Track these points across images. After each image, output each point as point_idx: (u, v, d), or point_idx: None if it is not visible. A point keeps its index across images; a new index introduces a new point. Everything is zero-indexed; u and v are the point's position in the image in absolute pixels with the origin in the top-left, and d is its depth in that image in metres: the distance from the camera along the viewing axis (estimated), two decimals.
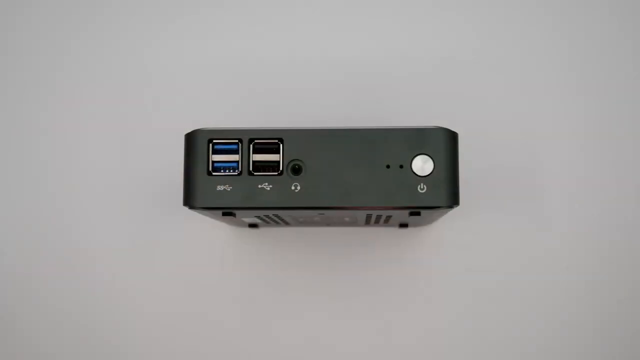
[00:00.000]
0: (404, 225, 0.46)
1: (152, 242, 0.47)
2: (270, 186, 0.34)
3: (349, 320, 0.47)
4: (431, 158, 0.35)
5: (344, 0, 0.49)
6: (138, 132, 0.48)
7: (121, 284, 0.46)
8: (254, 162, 0.34)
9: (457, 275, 0.47)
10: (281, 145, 0.34)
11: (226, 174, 0.34)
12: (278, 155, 0.34)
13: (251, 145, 0.34)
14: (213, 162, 0.34)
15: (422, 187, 0.35)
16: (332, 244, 0.47)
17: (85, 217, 0.47)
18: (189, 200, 0.34)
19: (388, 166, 0.35)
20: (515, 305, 0.47)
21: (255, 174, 0.34)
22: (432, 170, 0.35)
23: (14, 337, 0.47)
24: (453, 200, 0.35)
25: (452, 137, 0.35)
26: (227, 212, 0.36)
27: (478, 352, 0.46)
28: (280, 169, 0.34)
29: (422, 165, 0.35)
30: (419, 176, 0.35)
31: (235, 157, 0.34)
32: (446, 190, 0.35)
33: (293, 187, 0.34)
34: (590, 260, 0.47)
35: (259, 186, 0.34)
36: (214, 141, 0.34)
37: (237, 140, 0.34)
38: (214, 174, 0.34)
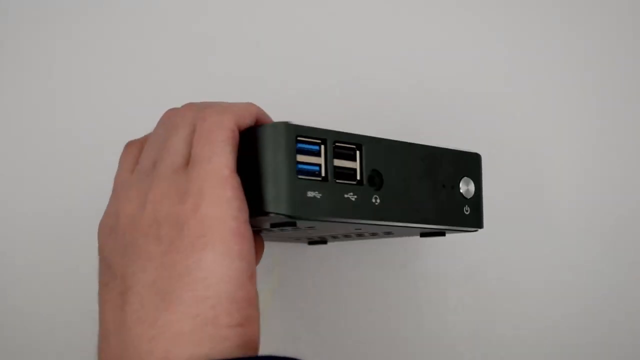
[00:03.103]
0: None
1: None
2: (355, 196, 0.32)
3: (349, 320, 0.46)
4: (473, 181, 0.37)
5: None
6: (138, 132, 0.42)
7: None
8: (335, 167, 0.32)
9: (457, 276, 0.47)
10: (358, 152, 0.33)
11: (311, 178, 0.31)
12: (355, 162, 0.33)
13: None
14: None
15: (467, 209, 0.37)
16: (334, 245, 0.46)
17: (86, 218, 0.41)
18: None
19: (444, 185, 0.36)
20: (515, 305, 0.48)
21: (338, 181, 0.32)
22: (474, 194, 0.37)
23: (14, 337, 0.42)
24: (481, 222, 0.38)
25: (480, 162, 0.38)
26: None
27: (478, 352, 0.48)
28: (359, 177, 0.32)
29: (467, 188, 0.37)
30: (466, 198, 0.37)
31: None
32: (480, 213, 0.37)
33: (374, 200, 0.33)
34: (591, 260, 0.49)
35: (345, 196, 0.32)
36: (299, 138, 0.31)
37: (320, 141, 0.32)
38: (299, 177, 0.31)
